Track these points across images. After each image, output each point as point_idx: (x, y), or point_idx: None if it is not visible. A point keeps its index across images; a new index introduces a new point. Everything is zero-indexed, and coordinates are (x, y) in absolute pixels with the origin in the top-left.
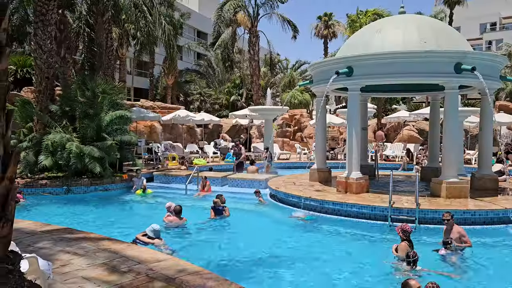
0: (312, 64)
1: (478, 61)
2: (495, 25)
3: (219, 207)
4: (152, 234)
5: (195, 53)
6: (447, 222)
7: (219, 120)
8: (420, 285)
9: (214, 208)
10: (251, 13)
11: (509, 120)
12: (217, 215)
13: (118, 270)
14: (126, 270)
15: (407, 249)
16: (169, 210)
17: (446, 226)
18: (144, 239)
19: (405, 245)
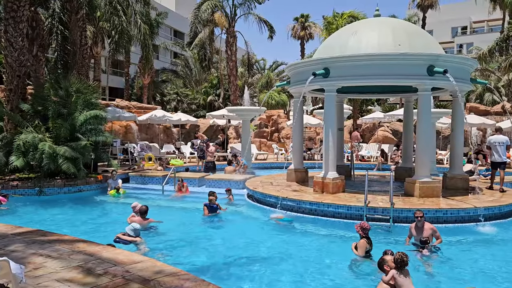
0: (289, 65)
1: (449, 64)
2: (466, 29)
3: (213, 205)
4: (133, 233)
5: (171, 53)
6: (419, 220)
7: (196, 121)
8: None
9: (208, 206)
10: (228, 14)
11: (479, 121)
12: (211, 213)
13: (93, 272)
14: (101, 272)
15: (366, 246)
16: (134, 210)
17: (416, 223)
18: (126, 237)
19: (364, 242)
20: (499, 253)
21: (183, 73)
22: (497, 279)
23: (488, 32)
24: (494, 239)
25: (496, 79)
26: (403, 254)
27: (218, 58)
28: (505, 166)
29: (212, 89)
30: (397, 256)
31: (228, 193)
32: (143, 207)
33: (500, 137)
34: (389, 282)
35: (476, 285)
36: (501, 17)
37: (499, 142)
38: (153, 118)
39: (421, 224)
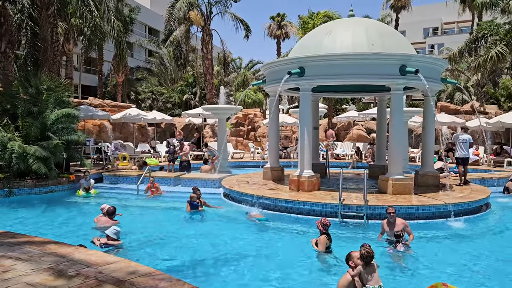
0: (265, 64)
1: (421, 64)
2: (437, 30)
3: (194, 202)
4: (115, 236)
5: (146, 50)
6: (391, 216)
7: (172, 119)
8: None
9: (190, 203)
10: (204, 12)
11: (449, 120)
12: (193, 209)
13: (65, 274)
14: (73, 274)
15: (326, 242)
16: (103, 212)
17: (389, 219)
18: (110, 242)
19: (324, 238)
20: (469, 248)
21: (158, 71)
22: (467, 272)
23: (458, 33)
24: (463, 234)
25: (466, 79)
26: (368, 248)
27: (194, 56)
28: (466, 162)
29: (188, 87)
30: (362, 251)
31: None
32: (110, 208)
33: (464, 135)
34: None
35: (447, 280)
36: (471, 18)
37: (462, 139)
38: (128, 116)
39: (393, 220)
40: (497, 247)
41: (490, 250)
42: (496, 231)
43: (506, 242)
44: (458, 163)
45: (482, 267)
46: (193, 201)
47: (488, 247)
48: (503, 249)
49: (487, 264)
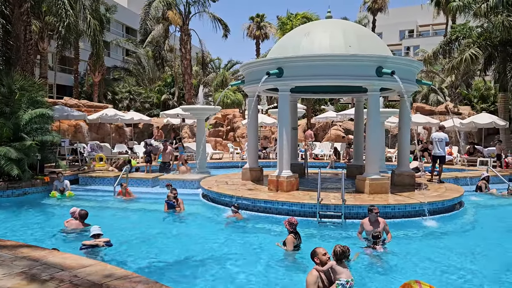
0: (243, 64)
1: (397, 65)
2: (413, 32)
3: (170, 201)
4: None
5: (123, 50)
6: (375, 214)
7: (150, 120)
8: (326, 251)
9: (167, 202)
10: (182, 11)
11: (424, 120)
12: (170, 209)
13: (38, 278)
14: (47, 278)
15: (294, 241)
16: (73, 216)
17: (370, 218)
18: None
19: (291, 237)
20: (442, 246)
21: (136, 71)
22: (441, 270)
23: (433, 35)
24: (437, 232)
25: (440, 80)
26: (344, 247)
27: (172, 56)
28: (443, 160)
29: (166, 87)
30: (337, 249)
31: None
32: (82, 211)
33: (440, 134)
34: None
35: (421, 277)
36: (445, 21)
37: (438, 138)
38: (104, 117)
39: (375, 219)
40: (470, 244)
41: (463, 247)
42: (469, 229)
43: (479, 239)
44: (435, 161)
45: (455, 265)
46: (170, 201)
47: (462, 244)
48: (476, 246)
49: (460, 261)
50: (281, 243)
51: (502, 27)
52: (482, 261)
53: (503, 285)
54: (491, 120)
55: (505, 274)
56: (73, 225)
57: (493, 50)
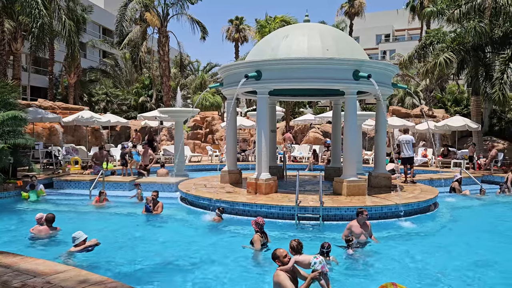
0: (222, 67)
1: (373, 69)
2: (389, 36)
3: (147, 204)
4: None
5: (100, 51)
6: (365, 217)
7: (127, 122)
8: (286, 252)
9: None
10: (160, 13)
11: (400, 123)
12: (147, 212)
13: (9, 286)
14: (19, 285)
15: (260, 239)
16: (39, 222)
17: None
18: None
19: (257, 236)
20: (418, 246)
21: (113, 72)
22: (417, 271)
23: (408, 40)
24: (413, 233)
25: (416, 84)
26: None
27: (150, 58)
28: (412, 161)
29: (144, 89)
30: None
31: (137, 187)
32: (49, 215)
33: (407, 136)
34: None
35: (397, 279)
36: (420, 26)
37: (405, 140)
38: (80, 119)
39: (363, 222)
40: (445, 245)
41: (439, 248)
42: (444, 230)
43: (453, 240)
44: (404, 163)
45: (431, 265)
46: (147, 204)
47: (437, 245)
48: (451, 247)
49: (436, 262)
50: (248, 244)
51: (474, 32)
52: (456, 261)
53: (475, 283)
54: (464, 123)
55: (476, 272)
56: (42, 231)
57: (465, 55)
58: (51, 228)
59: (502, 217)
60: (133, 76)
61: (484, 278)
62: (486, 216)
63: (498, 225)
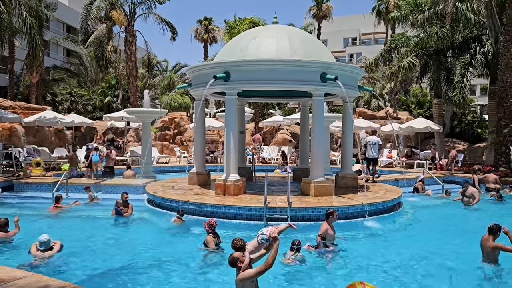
0: (190, 67)
1: (340, 71)
2: (356, 40)
3: (118, 208)
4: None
5: (64, 50)
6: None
7: (92, 123)
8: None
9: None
10: (127, 12)
11: (366, 125)
12: (117, 214)
13: None
14: None
15: (213, 240)
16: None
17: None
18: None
19: (210, 237)
20: (384, 245)
21: (78, 71)
22: (383, 269)
23: (374, 43)
24: (378, 232)
25: (381, 86)
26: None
27: (116, 57)
28: (376, 161)
29: (110, 89)
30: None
31: (87, 190)
32: (1, 219)
33: (373, 138)
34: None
35: (364, 278)
36: (385, 31)
37: (372, 141)
38: (42, 119)
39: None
40: (410, 243)
41: (403, 246)
42: (408, 229)
43: (417, 238)
44: (369, 163)
45: (397, 264)
46: (117, 207)
47: (401, 244)
48: (415, 245)
49: (401, 260)
50: (202, 245)
51: (436, 37)
52: (420, 258)
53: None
54: (426, 125)
55: (438, 269)
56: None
57: (428, 59)
58: (5, 232)
59: (461, 216)
60: (99, 76)
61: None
62: (446, 216)
63: (456, 225)
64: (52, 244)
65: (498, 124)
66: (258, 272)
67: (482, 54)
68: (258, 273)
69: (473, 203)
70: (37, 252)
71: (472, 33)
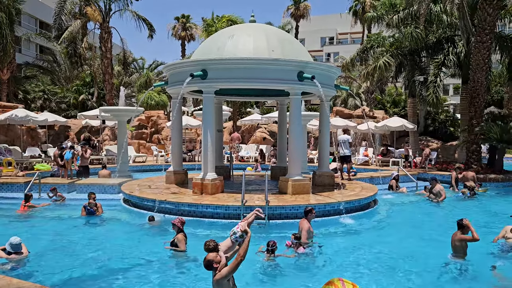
0: (167, 65)
1: (317, 70)
2: (333, 39)
3: (90, 208)
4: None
5: (37, 46)
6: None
7: (66, 121)
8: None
9: (84, 207)
10: (102, 8)
11: (343, 123)
12: (88, 214)
13: None
14: None
15: (183, 239)
16: None
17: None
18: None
19: (182, 236)
20: (360, 242)
21: (51, 69)
22: (360, 266)
23: (351, 43)
24: (355, 229)
25: (358, 86)
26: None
27: (92, 54)
28: (350, 159)
29: (85, 87)
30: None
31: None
32: None
33: (344, 136)
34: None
35: (343, 274)
36: (362, 30)
37: (342, 140)
38: (14, 118)
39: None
40: (385, 240)
41: (379, 243)
42: (383, 225)
43: (392, 235)
44: (343, 161)
45: (373, 260)
46: (90, 208)
47: (377, 240)
48: (390, 242)
49: (377, 256)
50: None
51: (411, 38)
52: (395, 254)
53: (410, 275)
54: (401, 124)
55: (411, 265)
56: None
57: (403, 59)
58: None
59: (433, 213)
60: (73, 73)
61: (412, 270)
62: (420, 213)
63: (430, 221)
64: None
65: (470, 123)
66: (232, 269)
67: (454, 55)
68: (232, 269)
69: (439, 200)
70: (6, 255)
71: (445, 34)
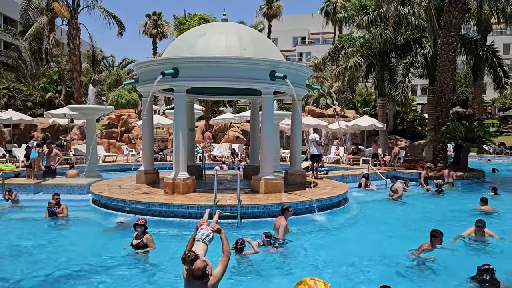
0: (137, 63)
1: (289, 70)
2: (305, 39)
3: (51, 208)
4: None
5: (1, 42)
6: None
7: (32, 120)
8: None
9: (48, 209)
10: (70, 3)
11: (315, 122)
12: (50, 216)
13: None
14: None
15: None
16: None
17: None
18: None
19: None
20: (332, 240)
21: (16, 65)
22: (332, 264)
23: (323, 43)
24: (326, 227)
25: (329, 85)
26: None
27: (59, 51)
28: (319, 158)
29: (52, 85)
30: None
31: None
32: None
33: (312, 135)
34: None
35: (314, 273)
36: (333, 31)
37: (311, 139)
38: None
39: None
40: (355, 237)
41: (349, 240)
42: (354, 223)
43: (362, 232)
44: (312, 159)
45: (344, 258)
46: (51, 207)
47: (348, 237)
48: (360, 239)
49: (348, 254)
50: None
51: (380, 39)
52: (365, 251)
53: (383, 271)
54: (371, 123)
55: (382, 261)
56: None
57: (373, 59)
58: None
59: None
60: (40, 71)
61: (381, 267)
62: (389, 210)
63: (398, 218)
64: None
65: (436, 122)
66: (225, 267)
67: (422, 56)
68: (225, 267)
69: (396, 197)
70: None
71: (413, 36)
